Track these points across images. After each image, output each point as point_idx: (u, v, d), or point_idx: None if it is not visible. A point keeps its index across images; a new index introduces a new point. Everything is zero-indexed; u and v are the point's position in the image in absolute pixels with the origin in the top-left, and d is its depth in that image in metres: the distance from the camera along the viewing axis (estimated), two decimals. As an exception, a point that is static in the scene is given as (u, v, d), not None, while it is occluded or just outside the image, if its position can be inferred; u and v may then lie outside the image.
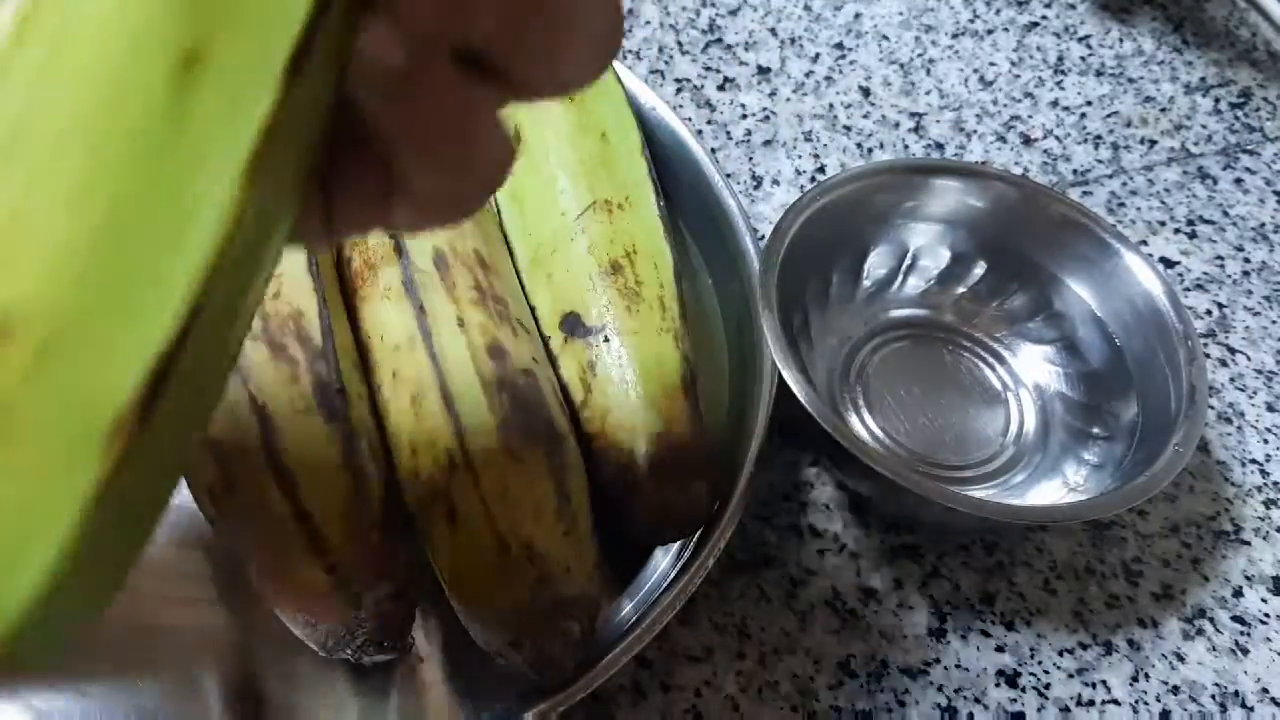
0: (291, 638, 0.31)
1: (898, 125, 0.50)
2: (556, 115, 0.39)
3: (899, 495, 0.35)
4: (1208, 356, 0.43)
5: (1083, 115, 0.52)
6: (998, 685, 0.34)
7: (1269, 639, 0.36)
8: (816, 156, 0.48)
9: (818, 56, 0.53)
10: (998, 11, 0.56)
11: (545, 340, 0.36)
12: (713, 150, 0.47)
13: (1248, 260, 0.47)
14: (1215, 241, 0.47)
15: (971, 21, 0.56)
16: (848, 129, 0.50)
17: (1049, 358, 0.40)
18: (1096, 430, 0.38)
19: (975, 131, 0.50)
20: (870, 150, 0.49)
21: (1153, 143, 0.51)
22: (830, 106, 0.50)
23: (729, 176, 0.43)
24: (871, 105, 0.51)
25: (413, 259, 0.34)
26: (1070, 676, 0.35)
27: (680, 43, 0.53)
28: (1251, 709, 0.35)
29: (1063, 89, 0.53)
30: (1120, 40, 0.55)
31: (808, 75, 0.52)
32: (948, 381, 0.41)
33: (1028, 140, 0.50)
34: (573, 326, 0.35)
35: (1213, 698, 0.35)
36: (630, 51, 0.52)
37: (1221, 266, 0.46)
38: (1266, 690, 0.35)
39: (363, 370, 0.34)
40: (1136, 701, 0.35)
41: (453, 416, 0.31)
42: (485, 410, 0.31)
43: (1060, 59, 0.54)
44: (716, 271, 0.41)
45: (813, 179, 0.47)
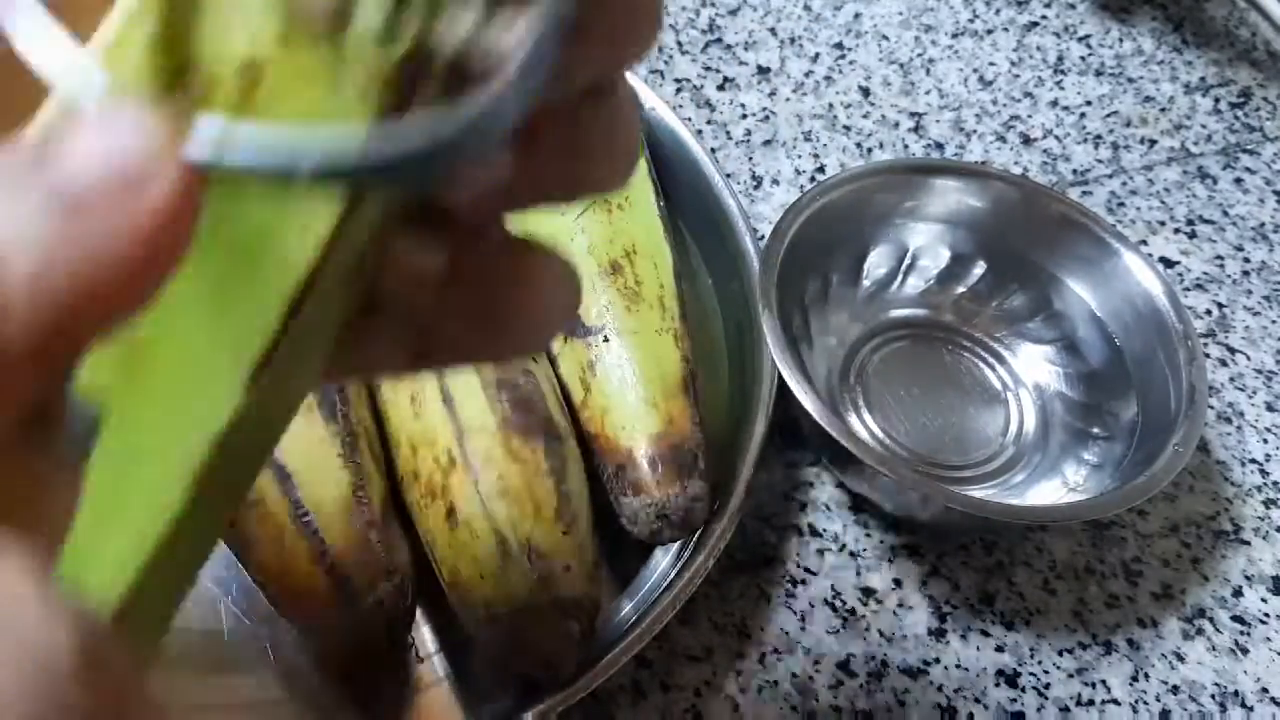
0: (292, 637, 0.31)
1: (897, 125, 0.50)
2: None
3: (899, 495, 0.35)
4: (1208, 356, 0.43)
5: (1082, 115, 0.52)
6: (998, 685, 0.34)
7: (1269, 639, 0.36)
8: (816, 156, 0.48)
9: (817, 56, 0.53)
10: (997, 11, 0.56)
11: (545, 340, 0.36)
12: (712, 150, 0.47)
13: (1248, 260, 0.47)
14: (1215, 241, 0.47)
15: (971, 21, 0.56)
16: (847, 129, 0.50)
17: (1049, 358, 0.40)
18: (1096, 430, 0.38)
19: (975, 131, 0.50)
20: (870, 150, 0.49)
21: (1153, 142, 0.51)
22: (830, 106, 0.50)
23: (729, 176, 0.43)
24: (871, 105, 0.51)
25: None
26: (1070, 676, 0.35)
27: (680, 43, 0.53)
28: (1251, 709, 0.35)
29: (1062, 89, 0.53)
30: (1120, 40, 0.55)
31: (807, 75, 0.52)
32: (948, 381, 0.40)
33: (1027, 140, 0.50)
34: (572, 326, 0.35)
35: (1212, 697, 0.35)
36: (630, 51, 0.52)
37: (1221, 266, 0.46)
38: (1266, 690, 0.35)
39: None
40: (1136, 701, 0.35)
41: (453, 416, 0.31)
42: (485, 410, 0.31)
43: (1060, 59, 0.54)
44: (716, 271, 0.41)
45: (813, 179, 0.47)
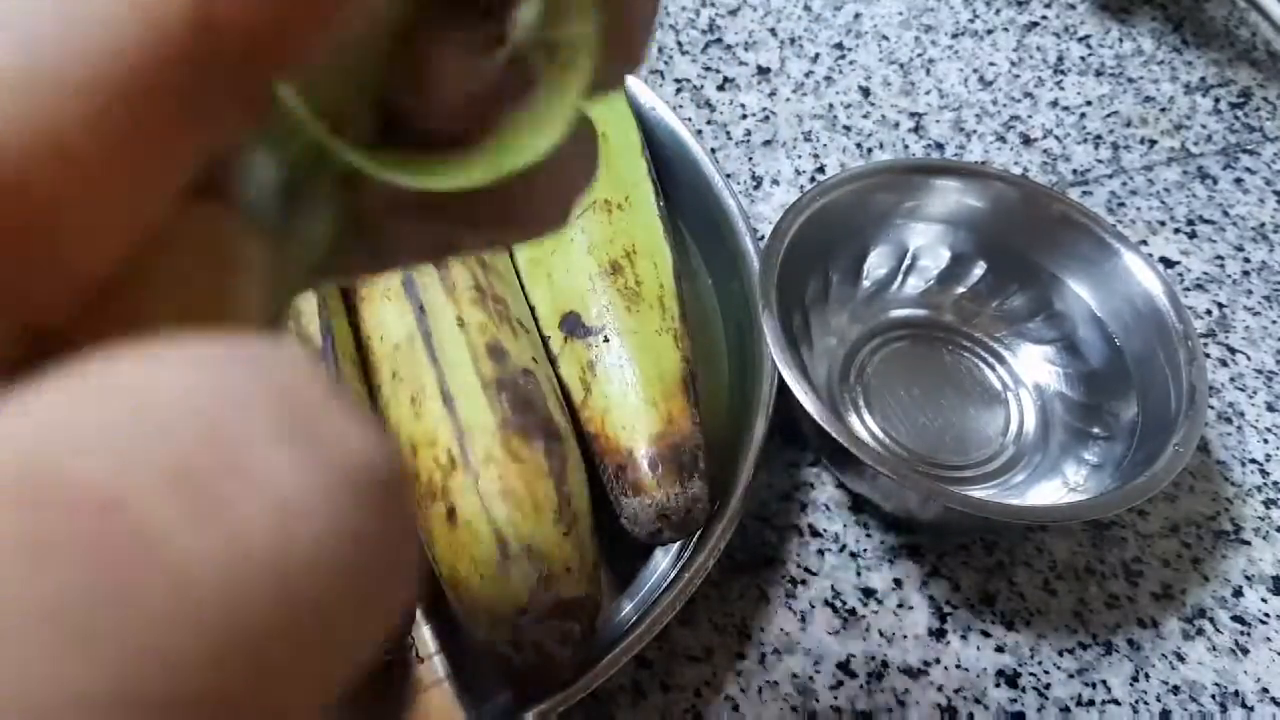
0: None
1: (897, 125, 0.50)
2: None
3: (899, 495, 0.35)
4: (1208, 356, 0.43)
5: (1082, 115, 0.52)
6: (998, 685, 0.34)
7: (1269, 639, 0.36)
8: (816, 156, 0.48)
9: (817, 56, 0.53)
10: (998, 11, 0.56)
11: (545, 340, 0.36)
12: (712, 150, 0.47)
13: (1248, 260, 0.47)
14: (1215, 241, 0.47)
15: (971, 21, 0.56)
16: (847, 129, 0.50)
17: (1049, 358, 0.40)
18: (1096, 430, 0.38)
19: (975, 131, 0.50)
20: (870, 150, 0.49)
21: (1153, 143, 0.51)
22: (830, 106, 0.50)
23: (729, 176, 0.43)
24: (871, 105, 0.51)
25: (413, 259, 0.34)
26: (1070, 676, 0.35)
27: (680, 43, 0.53)
28: (1251, 709, 0.35)
29: (1062, 89, 0.53)
30: (1120, 40, 0.55)
31: (807, 75, 0.52)
32: (948, 381, 0.40)
33: (1027, 140, 0.50)
34: (572, 326, 0.35)
35: (1213, 698, 0.35)
36: (630, 51, 0.52)
37: (1221, 266, 0.46)
38: (1266, 690, 0.35)
39: (363, 370, 0.34)
40: (1136, 701, 0.35)
41: (453, 416, 0.31)
42: (485, 410, 0.31)
43: (1060, 59, 0.54)
44: (716, 271, 0.41)
45: (812, 179, 0.47)
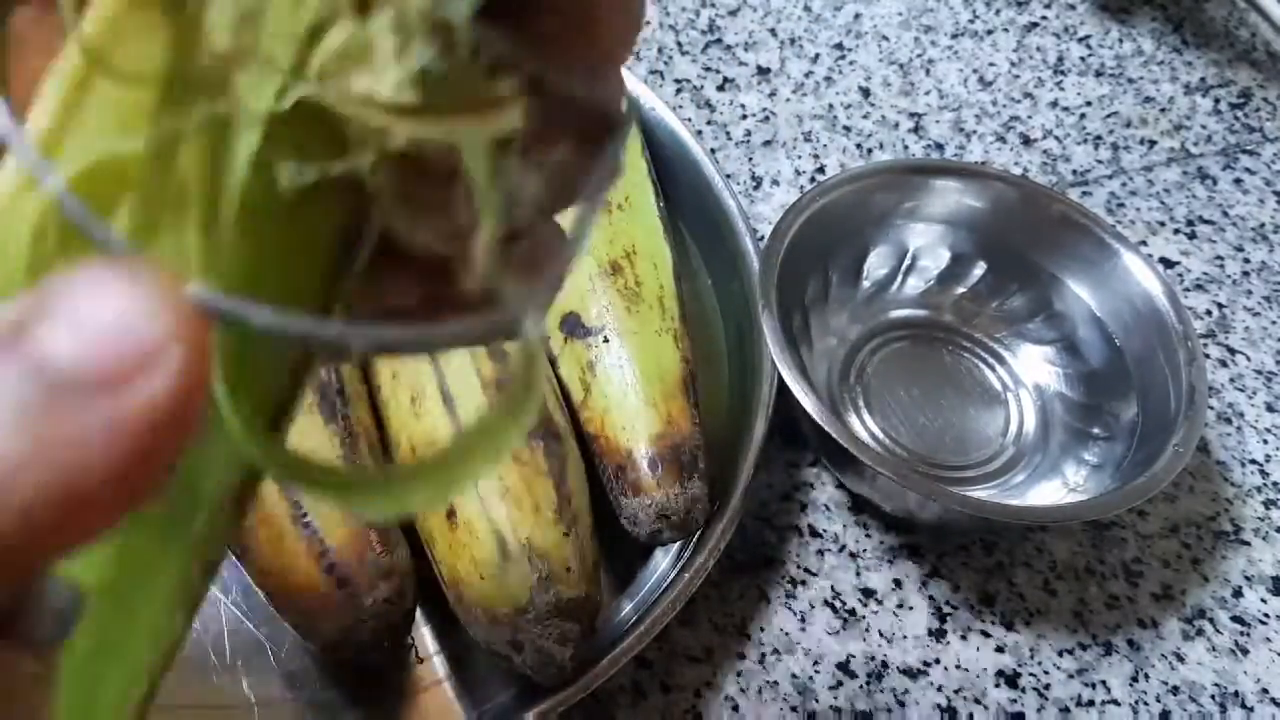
0: (292, 637, 0.31)
1: (897, 125, 0.50)
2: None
3: (899, 496, 0.35)
4: (1208, 357, 0.43)
5: (1082, 115, 0.52)
6: (998, 685, 0.34)
7: (1269, 639, 0.36)
8: (816, 157, 0.48)
9: (817, 57, 0.53)
10: (997, 12, 0.56)
11: (545, 340, 0.36)
12: (712, 150, 0.47)
13: (1247, 260, 0.47)
14: (1215, 241, 0.47)
15: (971, 22, 0.56)
16: (847, 129, 0.50)
17: (1049, 358, 0.40)
18: (1096, 430, 0.38)
19: (975, 132, 0.50)
20: (870, 150, 0.49)
21: (1152, 143, 0.51)
22: (830, 107, 0.50)
23: (729, 177, 0.43)
24: (871, 105, 0.51)
25: (413, 259, 0.34)
26: (1070, 677, 0.35)
27: (680, 43, 0.53)
28: (1251, 709, 0.35)
29: (1062, 89, 0.53)
30: (1120, 40, 0.55)
31: (807, 75, 0.52)
32: (948, 382, 0.40)
33: (1027, 141, 0.50)
34: (573, 326, 0.35)
35: (1212, 698, 0.35)
36: (630, 52, 0.52)
37: (1221, 267, 0.46)
38: (1266, 690, 0.35)
39: (363, 370, 0.34)
40: (1136, 702, 0.35)
41: (453, 416, 0.31)
42: (486, 410, 0.31)
43: (1060, 59, 0.54)
44: (716, 271, 0.41)
45: (812, 179, 0.47)
